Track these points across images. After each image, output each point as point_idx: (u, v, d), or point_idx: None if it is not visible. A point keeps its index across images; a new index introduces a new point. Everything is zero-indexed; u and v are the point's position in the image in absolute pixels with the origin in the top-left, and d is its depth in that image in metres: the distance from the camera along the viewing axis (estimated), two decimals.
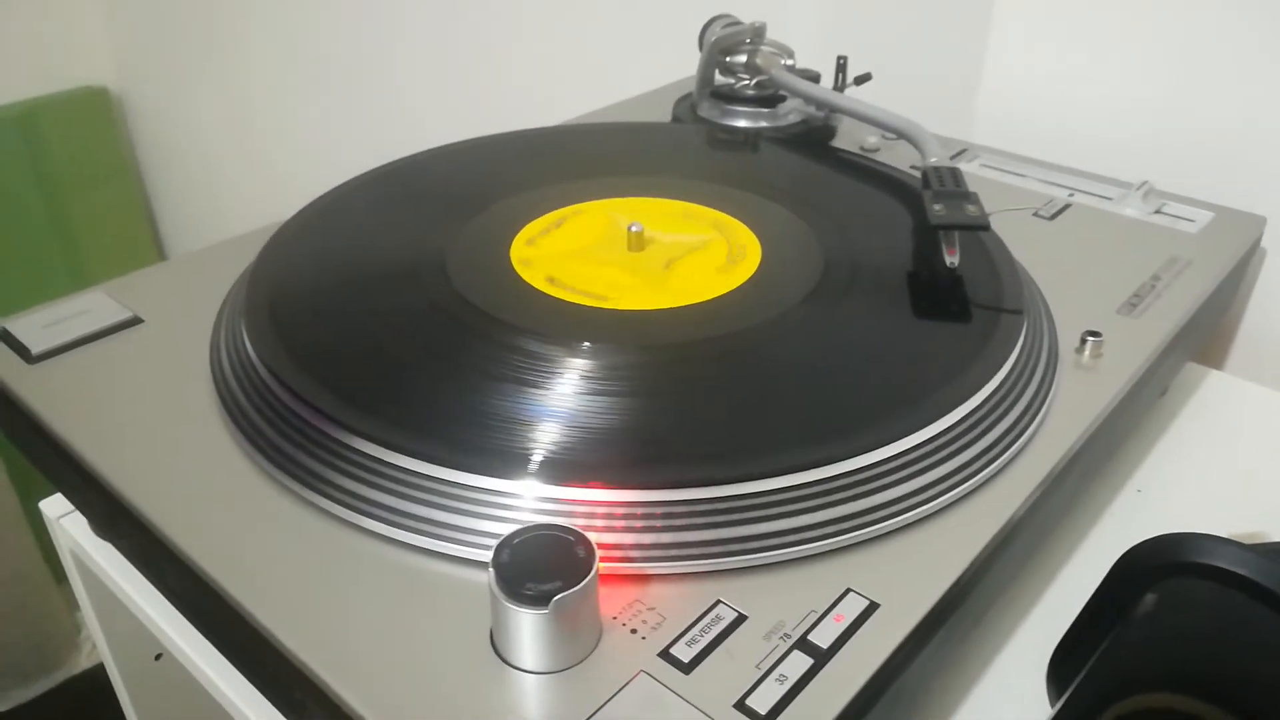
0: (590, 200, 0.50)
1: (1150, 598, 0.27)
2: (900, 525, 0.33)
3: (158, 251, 1.76)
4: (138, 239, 1.70)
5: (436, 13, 1.03)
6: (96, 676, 1.42)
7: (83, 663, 1.47)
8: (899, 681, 0.29)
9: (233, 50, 1.35)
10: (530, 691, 0.27)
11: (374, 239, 0.46)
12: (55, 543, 0.49)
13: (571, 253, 0.45)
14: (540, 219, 0.48)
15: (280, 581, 0.31)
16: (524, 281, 0.42)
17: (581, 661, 0.28)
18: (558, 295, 0.41)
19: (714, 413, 0.35)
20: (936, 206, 0.43)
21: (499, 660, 0.28)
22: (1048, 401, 0.38)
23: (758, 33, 0.63)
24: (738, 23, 0.63)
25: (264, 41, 1.29)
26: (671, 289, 0.42)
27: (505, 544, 0.28)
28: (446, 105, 1.08)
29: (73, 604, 1.48)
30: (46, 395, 0.39)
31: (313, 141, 1.31)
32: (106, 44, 1.61)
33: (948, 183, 0.45)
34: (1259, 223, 0.53)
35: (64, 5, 1.55)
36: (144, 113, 1.63)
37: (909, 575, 0.31)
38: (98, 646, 0.54)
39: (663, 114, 0.66)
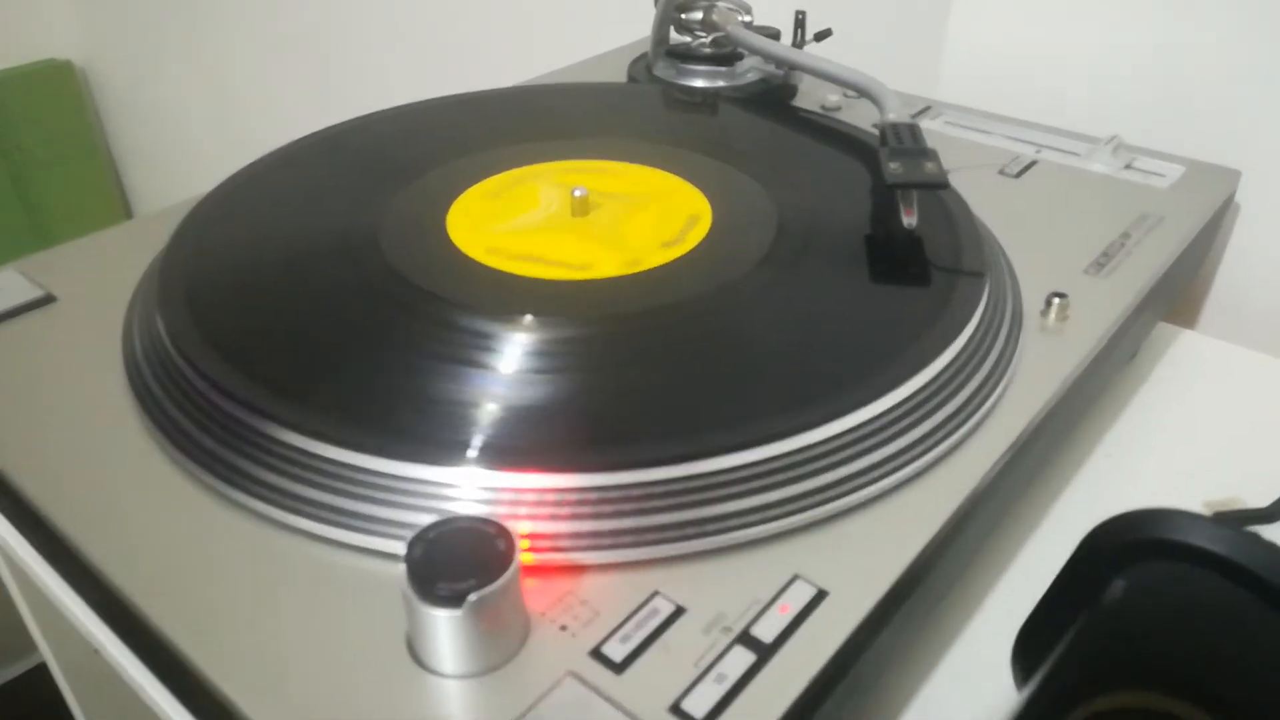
0: (536, 164, 0.47)
1: (1118, 584, 0.25)
2: (853, 505, 0.31)
3: None
4: (109, 213, 1.68)
5: None
6: None
7: None
8: (849, 675, 0.27)
9: (200, 20, 1.32)
10: (447, 698, 0.25)
11: (298, 212, 0.44)
12: None
13: (511, 220, 0.42)
14: (481, 184, 0.45)
15: (187, 584, 0.29)
16: (459, 251, 0.40)
17: (505, 664, 0.26)
18: (492, 265, 0.39)
19: (652, 390, 0.33)
20: (893, 165, 0.41)
21: (415, 665, 0.26)
22: (1010, 368, 0.36)
23: None
24: None
25: (232, 9, 1.25)
26: (613, 258, 0.40)
27: (419, 538, 0.26)
28: (423, 74, 1.05)
29: None
30: None
31: (287, 110, 1.28)
32: (70, 17, 1.57)
33: (905, 140, 0.43)
34: (1233, 176, 0.51)
35: None
36: (110, 85, 1.61)
37: (861, 559, 0.29)
38: (35, 641, 0.52)
39: (618, 76, 0.63)
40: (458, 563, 0.25)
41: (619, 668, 0.26)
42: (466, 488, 0.29)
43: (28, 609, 0.50)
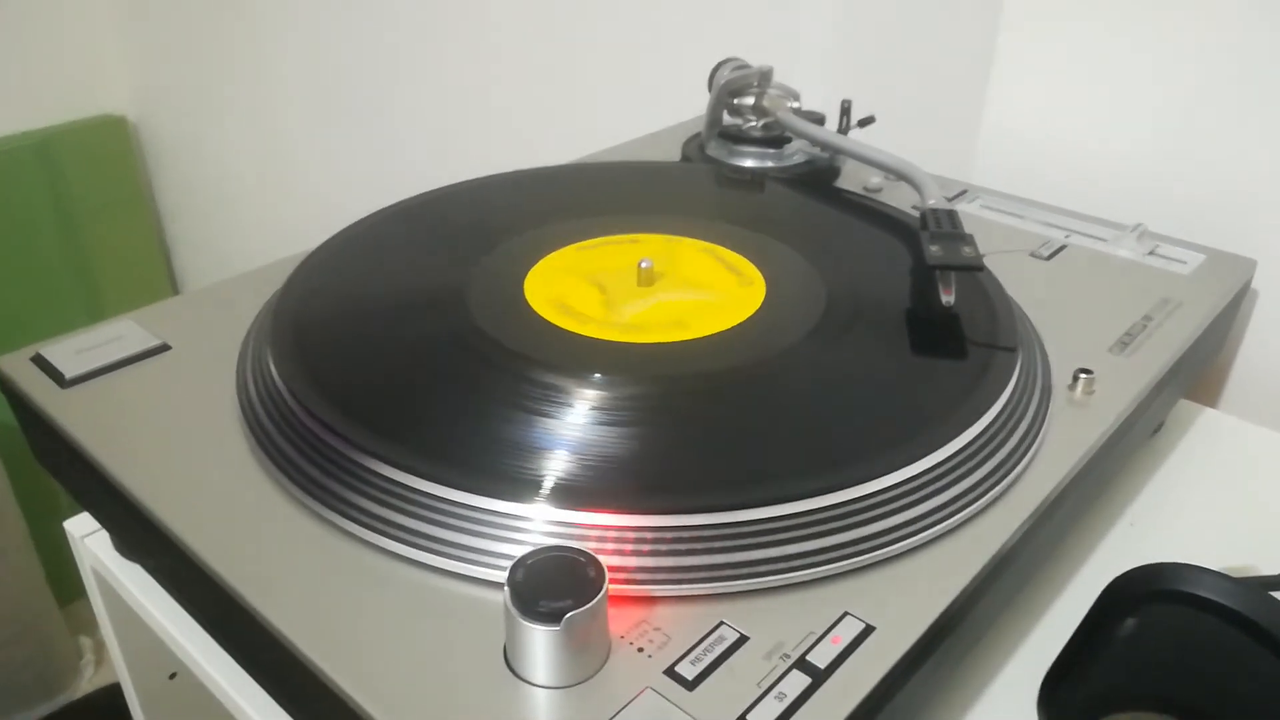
0: (602, 236, 0.52)
1: (1130, 622, 0.29)
2: (897, 553, 0.34)
3: (170, 281, 1.78)
4: (151, 268, 1.72)
5: (461, 46, 1.05)
6: (95, 701, 1.44)
7: (83, 687, 1.48)
8: (894, 702, 0.30)
9: (251, 80, 1.37)
10: (541, 705, 0.28)
11: (395, 271, 0.48)
12: (78, 561, 0.50)
13: (583, 287, 0.47)
14: (554, 253, 0.50)
15: (302, 598, 0.32)
16: (537, 315, 0.44)
17: (591, 677, 0.29)
18: (569, 328, 0.43)
19: (717, 443, 0.37)
20: (933, 248, 0.45)
21: (512, 675, 0.29)
22: (1040, 436, 0.40)
23: (765, 76, 0.65)
24: (746, 66, 0.65)
25: (284, 71, 1.31)
26: (678, 324, 0.44)
27: (520, 564, 0.29)
28: (470, 138, 1.10)
29: (75, 628, 1.50)
30: (79, 417, 0.41)
31: (332, 173, 1.33)
32: (124, 73, 1.63)
33: (945, 225, 0.47)
34: (1249, 265, 0.55)
35: (82, 34, 1.58)
36: (161, 142, 1.66)
37: (904, 600, 0.32)
38: (115, 664, 0.56)
39: (672, 153, 0.68)
40: (554, 586, 0.29)
41: (691, 685, 0.29)
42: (552, 525, 0.33)
43: (115, 639, 0.54)
